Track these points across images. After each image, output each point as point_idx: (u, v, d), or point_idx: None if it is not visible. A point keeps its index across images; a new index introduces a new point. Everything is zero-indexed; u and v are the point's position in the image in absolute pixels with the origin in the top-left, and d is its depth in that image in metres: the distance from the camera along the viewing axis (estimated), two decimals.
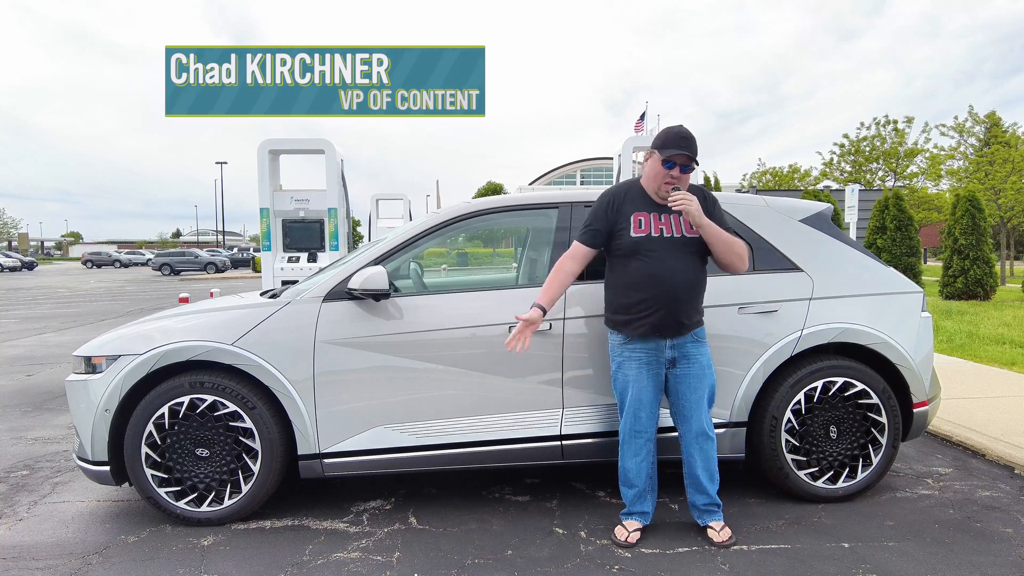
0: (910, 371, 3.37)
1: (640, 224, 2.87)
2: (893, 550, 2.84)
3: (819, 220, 3.55)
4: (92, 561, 2.80)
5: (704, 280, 2.95)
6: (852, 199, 13.28)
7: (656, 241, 2.85)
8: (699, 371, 2.90)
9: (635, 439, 2.94)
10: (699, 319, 2.93)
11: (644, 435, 2.93)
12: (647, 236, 2.85)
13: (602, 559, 2.78)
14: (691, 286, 2.86)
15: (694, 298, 2.88)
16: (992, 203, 19.89)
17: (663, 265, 2.82)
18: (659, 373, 2.91)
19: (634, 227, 2.87)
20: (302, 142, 8.28)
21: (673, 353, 2.89)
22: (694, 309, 2.89)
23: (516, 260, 4.60)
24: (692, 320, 2.88)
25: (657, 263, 2.82)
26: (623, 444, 2.99)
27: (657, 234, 2.85)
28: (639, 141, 8.87)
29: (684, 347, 2.89)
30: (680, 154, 2.79)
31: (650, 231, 2.86)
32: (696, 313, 2.90)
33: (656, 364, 2.90)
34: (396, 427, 3.17)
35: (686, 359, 2.89)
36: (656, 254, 2.83)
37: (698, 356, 2.91)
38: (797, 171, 36.39)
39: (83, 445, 3.14)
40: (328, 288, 3.22)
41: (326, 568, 2.71)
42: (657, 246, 2.84)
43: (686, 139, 2.82)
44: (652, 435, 2.96)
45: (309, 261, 8.03)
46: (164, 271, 36.46)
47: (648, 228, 2.86)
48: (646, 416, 2.91)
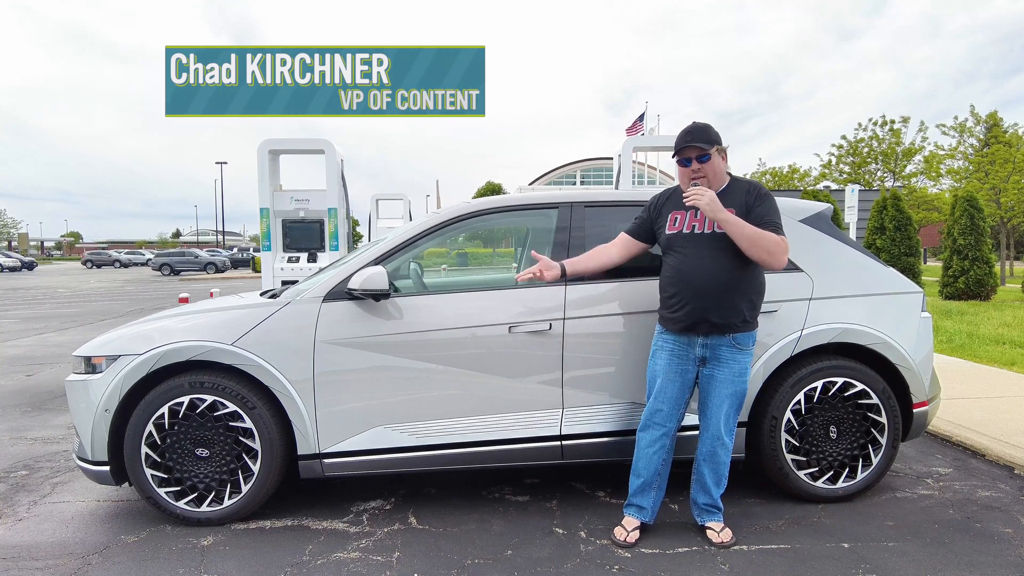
0: (910, 371, 3.37)
1: (675, 222, 2.91)
2: (893, 550, 2.84)
3: (819, 220, 3.55)
4: (92, 561, 2.80)
5: (746, 279, 2.81)
6: (852, 199, 13.28)
7: (687, 237, 2.85)
8: (727, 376, 2.85)
9: (652, 429, 2.93)
10: (736, 321, 2.79)
11: (662, 428, 2.92)
12: (679, 233, 2.88)
13: (602, 559, 2.78)
14: (721, 283, 2.77)
15: (725, 296, 2.77)
16: (992, 203, 19.90)
17: (691, 262, 2.81)
18: (688, 369, 2.90)
19: (669, 224, 2.92)
20: (302, 142, 8.27)
21: (704, 352, 2.87)
22: (726, 308, 2.77)
23: (516, 260, 4.60)
24: (724, 320, 2.78)
25: (686, 260, 2.83)
26: (640, 431, 2.99)
27: (688, 231, 2.86)
28: (639, 142, 8.89)
29: (718, 349, 2.84)
30: (687, 147, 2.82)
31: (682, 228, 2.88)
32: (731, 313, 2.78)
33: (686, 359, 2.89)
34: (396, 427, 3.17)
35: (716, 361, 2.86)
36: (687, 251, 2.84)
37: (730, 361, 2.84)
38: (796, 171, 36.41)
39: (83, 445, 3.14)
40: (328, 288, 3.22)
41: (326, 568, 2.71)
42: (688, 243, 2.84)
43: (690, 132, 2.84)
44: (671, 430, 2.94)
45: (309, 261, 8.03)
46: (164, 271, 36.44)
47: (681, 225, 2.88)
48: (668, 410, 2.91)
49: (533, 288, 3.25)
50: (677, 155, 2.88)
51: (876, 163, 28.79)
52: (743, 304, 2.82)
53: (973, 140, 26.60)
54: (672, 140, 2.98)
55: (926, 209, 27.10)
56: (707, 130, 2.85)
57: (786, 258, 2.75)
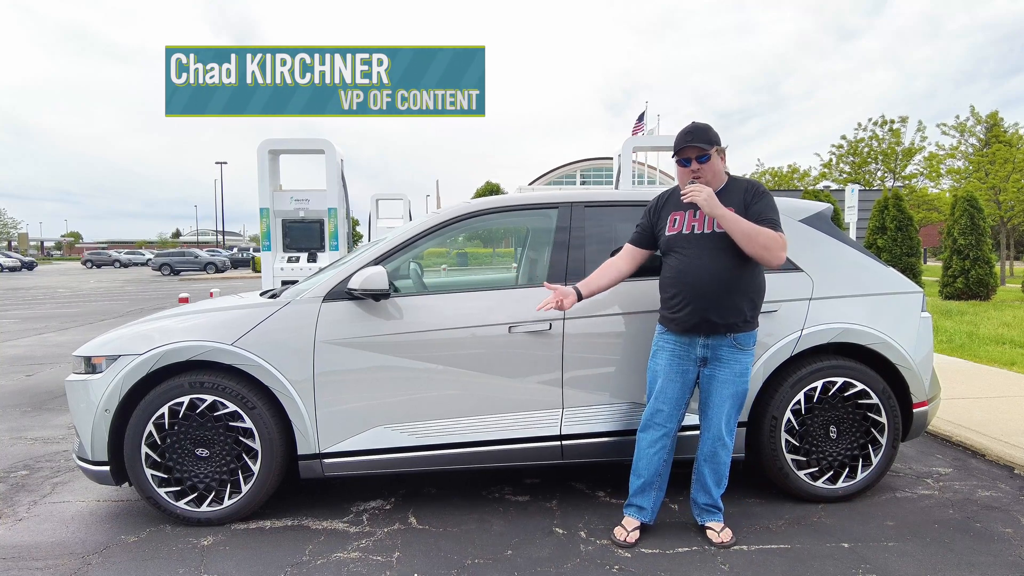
0: (910, 371, 3.37)
1: (675, 223, 2.91)
2: (893, 550, 2.84)
3: (819, 220, 3.55)
4: (92, 561, 2.79)
5: (746, 278, 2.80)
6: (852, 199, 13.28)
7: (687, 238, 2.85)
8: (728, 376, 2.85)
9: (652, 429, 2.94)
10: (737, 321, 2.80)
11: (662, 428, 2.92)
12: (678, 234, 2.88)
13: (602, 559, 2.78)
14: (722, 283, 2.77)
15: (726, 295, 2.77)
16: (992, 203, 19.90)
17: (691, 262, 2.82)
18: (689, 370, 2.90)
19: (669, 226, 2.92)
20: (302, 142, 8.28)
21: (705, 352, 2.87)
22: (727, 308, 2.78)
23: (516, 260, 4.60)
24: (725, 320, 2.79)
25: (685, 260, 2.83)
26: (640, 431, 2.99)
27: (688, 231, 2.86)
28: (639, 142, 8.88)
29: (719, 349, 2.84)
30: (686, 147, 2.83)
31: (682, 229, 2.88)
32: (732, 313, 2.78)
33: (686, 359, 2.89)
34: (396, 427, 3.17)
35: (717, 361, 2.86)
36: (687, 251, 2.84)
37: (731, 362, 2.85)
38: (796, 171, 36.40)
39: (83, 445, 3.14)
40: (328, 288, 3.22)
41: (326, 568, 2.71)
42: (688, 243, 2.84)
43: (690, 132, 2.85)
44: (671, 431, 2.94)
45: (309, 261, 8.03)
46: (164, 271, 36.44)
47: (680, 226, 2.88)
48: (668, 410, 2.91)
49: (533, 288, 3.26)
50: (677, 155, 2.88)
51: (876, 163, 28.78)
52: (744, 304, 2.82)
53: (973, 140, 26.61)
54: (672, 140, 2.99)
55: (926, 209, 27.11)
56: (707, 131, 2.86)
57: (784, 254, 2.73)
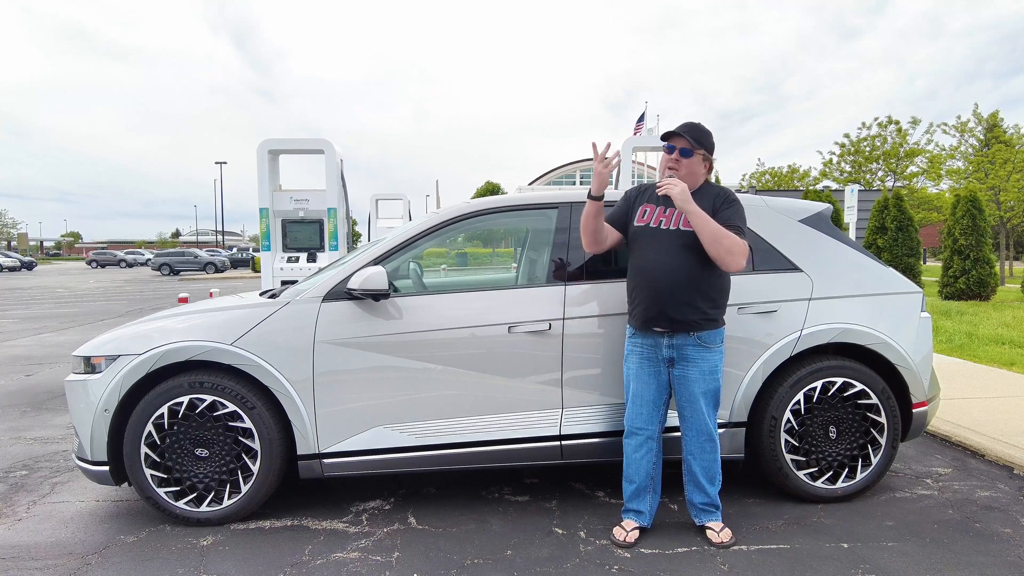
0: (909, 371, 3.37)
1: (644, 215, 2.90)
2: (892, 550, 2.84)
3: (819, 220, 3.55)
4: (91, 561, 2.79)
5: (704, 278, 2.80)
6: (852, 199, 13.26)
7: (652, 231, 2.85)
8: (697, 375, 2.85)
9: (635, 435, 2.94)
10: (696, 318, 2.80)
11: (644, 432, 2.93)
12: (645, 226, 2.88)
13: (601, 559, 2.78)
14: (677, 280, 2.76)
15: (683, 292, 2.77)
16: (992, 203, 19.90)
17: (651, 256, 2.82)
18: (660, 371, 2.90)
19: (638, 217, 2.91)
20: (302, 142, 8.27)
21: (671, 353, 2.87)
22: (685, 304, 2.78)
23: (516, 260, 4.60)
24: (684, 316, 2.78)
25: (647, 253, 2.83)
26: (625, 437, 2.99)
27: (655, 225, 2.86)
28: (639, 142, 8.87)
29: (684, 349, 2.85)
30: (677, 135, 2.83)
31: (649, 222, 2.87)
32: (691, 310, 2.78)
33: (656, 361, 2.89)
34: (396, 427, 3.17)
35: (685, 360, 2.86)
36: (650, 245, 2.84)
37: (698, 360, 2.85)
38: (796, 171, 36.37)
39: (82, 445, 3.14)
40: (328, 288, 3.22)
41: (325, 568, 2.71)
42: (653, 237, 2.84)
43: (688, 125, 2.87)
44: (654, 433, 2.94)
45: (309, 261, 8.02)
46: (163, 271, 36.42)
47: (648, 219, 2.88)
48: (647, 413, 2.91)
49: (532, 288, 3.26)
50: (666, 138, 2.89)
51: (878, 163, 28.76)
52: (702, 302, 2.80)
53: (973, 140, 26.60)
54: None
55: (926, 209, 27.09)
56: (703, 132, 2.86)
57: (744, 261, 2.72)
